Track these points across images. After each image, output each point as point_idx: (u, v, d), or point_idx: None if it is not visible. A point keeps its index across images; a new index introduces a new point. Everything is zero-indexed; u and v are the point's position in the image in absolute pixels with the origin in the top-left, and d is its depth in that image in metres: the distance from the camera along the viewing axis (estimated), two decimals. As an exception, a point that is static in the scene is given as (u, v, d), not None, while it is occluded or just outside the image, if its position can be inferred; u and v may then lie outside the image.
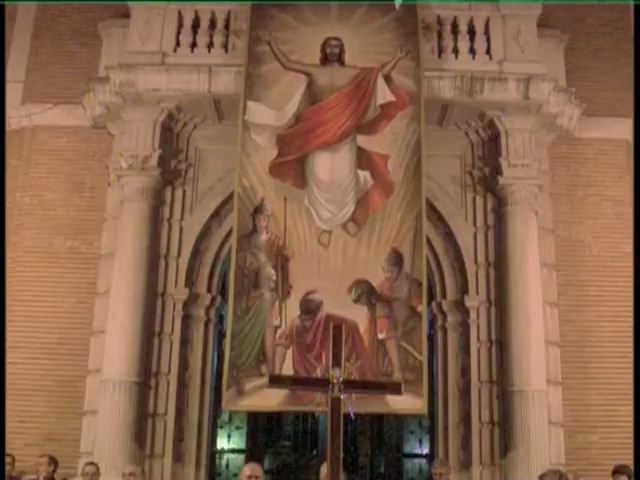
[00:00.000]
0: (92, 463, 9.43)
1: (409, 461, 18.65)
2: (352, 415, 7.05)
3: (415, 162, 10.71)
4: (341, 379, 6.94)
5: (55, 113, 12.02)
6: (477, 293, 11.21)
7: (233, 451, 19.18)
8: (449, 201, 11.55)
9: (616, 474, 9.12)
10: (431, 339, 11.32)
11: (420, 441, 18.48)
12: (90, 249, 11.40)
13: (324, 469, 7.11)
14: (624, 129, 11.75)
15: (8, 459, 9.76)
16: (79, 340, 10.93)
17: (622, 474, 8.97)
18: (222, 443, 18.51)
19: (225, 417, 18.39)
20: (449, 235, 11.53)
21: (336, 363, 7.01)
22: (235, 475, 16.52)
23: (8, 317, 10.86)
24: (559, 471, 8.90)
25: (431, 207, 11.22)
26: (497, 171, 11.20)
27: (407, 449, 18.74)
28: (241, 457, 18.57)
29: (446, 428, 11.08)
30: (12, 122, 11.98)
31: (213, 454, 11.94)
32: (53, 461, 9.69)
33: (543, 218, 11.40)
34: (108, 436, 10.05)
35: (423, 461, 17.71)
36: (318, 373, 7.17)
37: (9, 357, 10.65)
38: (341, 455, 6.80)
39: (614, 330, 11.15)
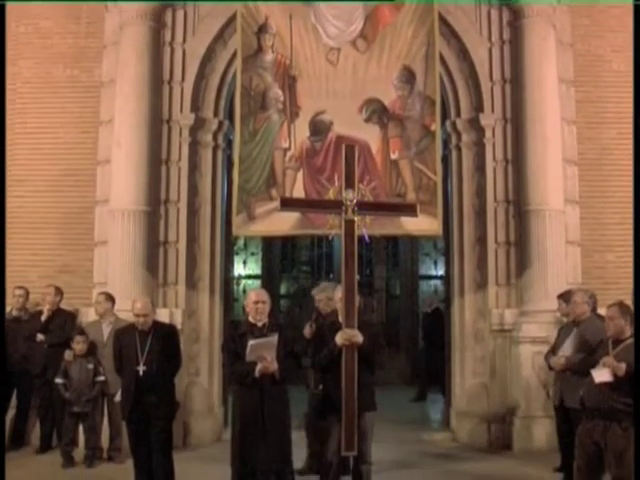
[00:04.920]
0: (105, 293, 9.53)
1: (424, 283, 18.91)
2: (366, 238, 6.96)
3: (427, -26, 10.18)
4: (354, 201, 6.81)
5: None
6: (492, 111, 10.81)
7: (249, 277, 19.45)
8: (462, 15, 10.93)
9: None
10: (445, 160, 11.08)
11: (435, 263, 18.65)
12: (90, 77, 10.93)
13: (339, 292, 7.06)
14: None
15: (21, 291, 9.87)
16: (85, 171, 10.68)
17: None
18: (238, 269, 18.72)
19: (240, 244, 18.55)
20: (463, 51, 10.96)
21: (349, 184, 6.86)
22: (251, 301, 16.70)
23: (11, 151, 10.65)
24: (589, 290, 8.78)
25: (444, 22, 10.66)
26: (513, -19, 10.63)
27: (422, 271, 18.96)
28: (257, 283, 18.85)
29: (461, 249, 10.95)
30: (1, -55, 11.32)
31: (228, 280, 11.96)
32: (59, 292, 9.80)
33: (561, 31, 10.84)
34: (120, 266, 10.02)
35: (438, 282, 17.94)
36: (330, 195, 7.01)
37: (15, 191, 10.56)
38: (356, 278, 6.75)
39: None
